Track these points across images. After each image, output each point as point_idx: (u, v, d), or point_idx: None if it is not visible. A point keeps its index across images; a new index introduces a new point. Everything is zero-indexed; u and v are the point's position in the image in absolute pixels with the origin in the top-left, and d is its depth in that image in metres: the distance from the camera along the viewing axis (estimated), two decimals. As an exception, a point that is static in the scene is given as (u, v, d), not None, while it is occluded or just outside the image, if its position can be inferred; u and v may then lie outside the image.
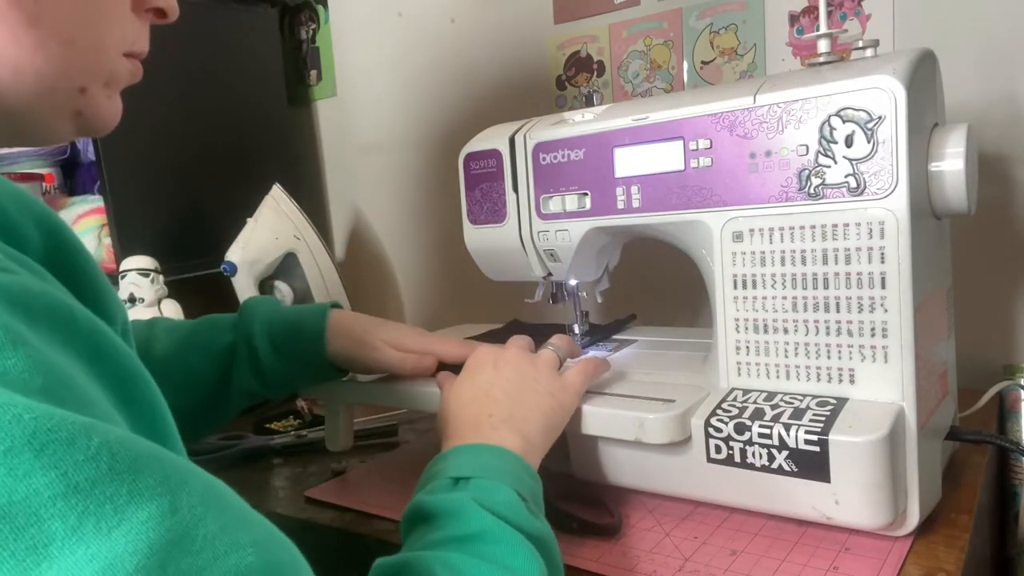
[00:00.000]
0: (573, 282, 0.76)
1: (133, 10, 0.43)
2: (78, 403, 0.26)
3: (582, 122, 0.67)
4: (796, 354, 0.57)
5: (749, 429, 0.53)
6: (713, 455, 0.55)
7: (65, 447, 0.24)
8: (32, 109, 0.39)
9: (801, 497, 0.52)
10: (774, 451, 0.52)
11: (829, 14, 0.88)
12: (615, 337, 0.82)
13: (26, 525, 0.23)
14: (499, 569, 0.40)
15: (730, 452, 0.54)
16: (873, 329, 0.53)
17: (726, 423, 0.54)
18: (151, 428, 0.31)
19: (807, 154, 0.54)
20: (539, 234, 0.71)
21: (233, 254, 1.09)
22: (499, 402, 0.55)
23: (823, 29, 0.58)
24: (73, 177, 1.33)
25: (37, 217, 0.33)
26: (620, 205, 0.64)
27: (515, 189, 0.72)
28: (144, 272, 0.97)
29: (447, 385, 0.61)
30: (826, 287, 0.54)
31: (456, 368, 0.63)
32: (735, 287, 0.59)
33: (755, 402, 0.56)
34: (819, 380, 0.56)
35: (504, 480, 0.46)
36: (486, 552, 0.41)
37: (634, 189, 0.63)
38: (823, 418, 0.52)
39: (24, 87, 0.38)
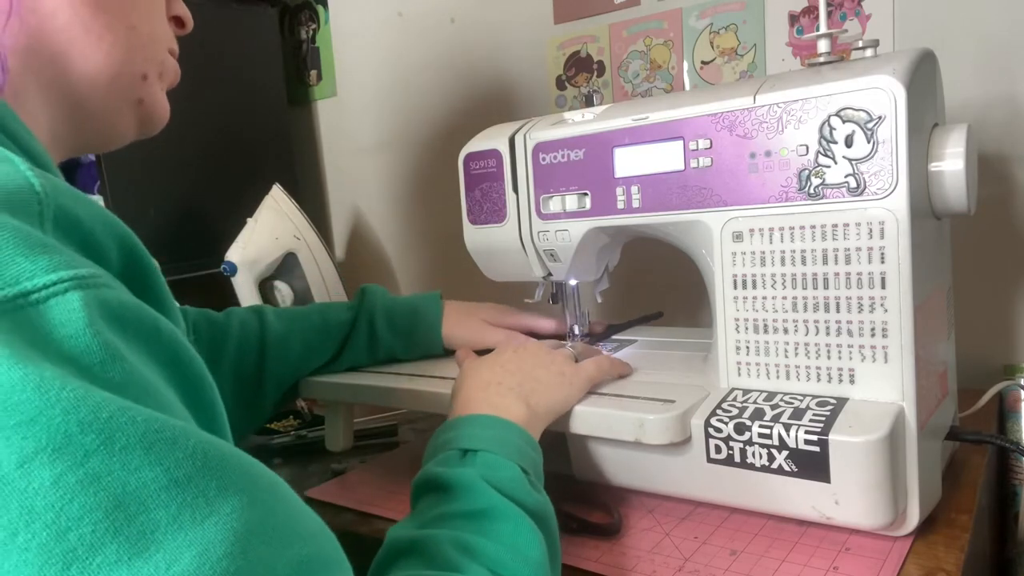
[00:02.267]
0: (573, 282, 0.76)
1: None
2: (161, 409, 0.29)
3: (582, 122, 0.67)
4: (796, 354, 0.57)
5: (749, 429, 0.53)
6: (713, 455, 0.55)
7: (169, 446, 0.27)
8: (102, 99, 0.43)
9: (801, 497, 0.52)
10: (774, 451, 0.52)
11: (829, 14, 0.88)
12: (614, 337, 0.82)
13: (137, 513, 0.26)
14: (505, 548, 0.42)
15: (730, 452, 0.54)
16: (873, 329, 0.53)
17: (726, 423, 0.54)
18: (213, 428, 0.35)
19: (807, 154, 0.54)
20: (539, 234, 0.71)
21: (233, 254, 1.09)
22: (511, 373, 0.59)
23: (823, 29, 0.58)
24: (73, 177, 1.33)
25: (119, 237, 0.36)
26: (620, 205, 0.64)
27: (515, 189, 0.72)
28: (144, 272, 0.97)
29: (468, 360, 0.64)
30: (826, 287, 0.54)
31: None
32: (735, 287, 0.59)
33: (755, 402, 0.56)
34: (819, 380, 0.56)
35: (510, 455, 0.49)
36: (493, 530, 0.43)
37: (634, 189, 0.63)
38: (823, 418, 0.52)
39: (95, 74, 0.42)
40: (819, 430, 0.51)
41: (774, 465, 0.52)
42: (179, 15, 0.49)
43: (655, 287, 1.01)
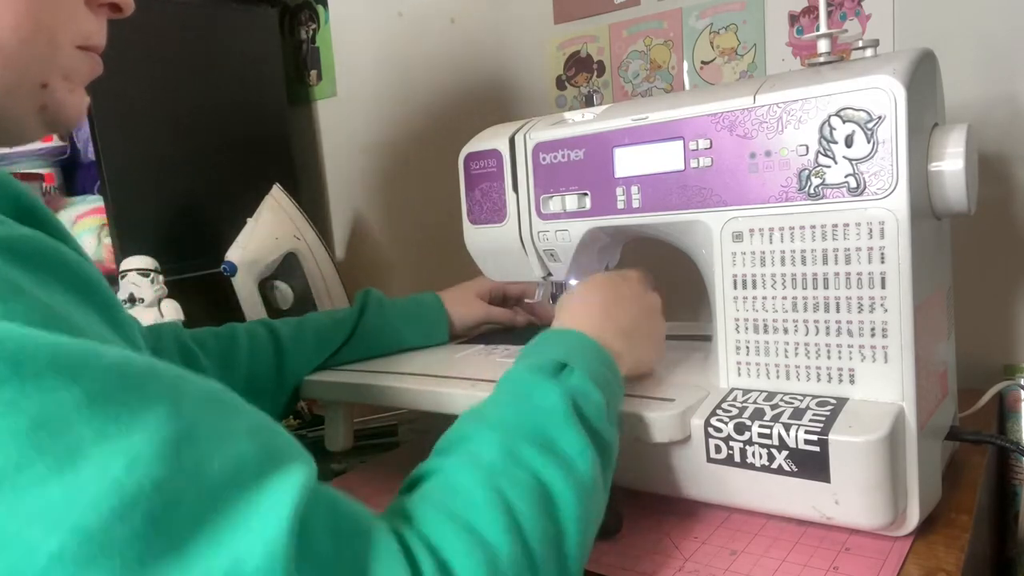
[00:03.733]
0: (573, 282, 0.76)
1: (87, 5, 0.44)
2: (76, 333, 0.31)
3: (582, 122, 0.67)
4: (796, 354, 0.57)
5: (749, 429, 0.53)
6: (713, 455, 0.55)
7: (80, 367, 0.28)
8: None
9: (801, 497, 0.52)
10: (774, 451, 0.52)
11: (829, 14, 0.88)
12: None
13: (60, 431, 0.27)
14: (560, 465, 0.43)
15: (730, 452, 0.54)
16: (873, 329, 0.53)
17: (726, 423, 0.54)
18: (135, 346, 0.37)
19: (807, 154, 0.54)
20: (539, 234, 0.71)
21: (233, 254, 1.09)
22: (617, 317, 0.59)
23: (823, 29, 0.58)
24: (73, 177, 1.33)
25: (13, 194, 0.38)
26: (620, 205, 0.64)
27: (515, 189, 0.72)
28: (144, 272, 0.97)
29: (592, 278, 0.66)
30: (826, 287, 0.54)
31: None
32: (735, 287, 0.59)
33: (755, 402, 0.56)
34: (819, 380, 0.56)
35: (600, 384, 0.50)
36: (557, 447, 0.44)
37: (634, 189, 0.63)
38: (823, 418, 0.52)
39: None
40: (819, 430, 0.51)
41: (774, 465, 0.52)
42: (112, 1, 0.46)
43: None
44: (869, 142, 0.51)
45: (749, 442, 0.53)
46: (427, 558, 0.36)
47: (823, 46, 0.59)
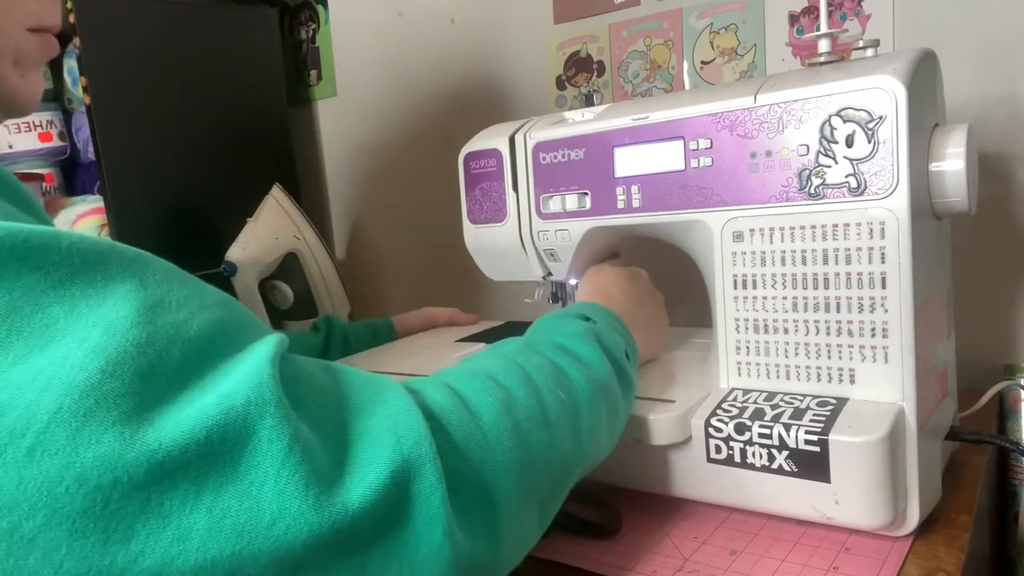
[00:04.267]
0: (573, 282, 0.76)
1: None
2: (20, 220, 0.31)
3: (582, 122, 0.67)
4: (796, 354, 0.56)
5: (749, 429, 0.53)
6: (713, 455, 0.55)
7: (41, 251, 0.29)
8: None
9: (801, 497, 0.52)
10: (774, 451, 0.52)
11: (829, 14, 0.88)
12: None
13: (32, 312, 0.28)
14: (575, 360, 0.48)
15: (730, 452, 0.54)
16: (873, 329, 0.53)
17: (726, 423, 0.54)
18: None
19: (807, 154, 0.54)
20: (539, 234, 0.71)
21: (233, 254, 1.09)
22: (635, 310, 0.64)
23: (823, 29, 0.58)
24: (73, 177, 1.33)
25: None
26: (620, 205, 0.64)
27: (515, 189, 0.72)
28: (144, 272, 0.97)
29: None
30: (826, 287, 0.54)
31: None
32: (735, 287, 0.59)
33: (755, 402, 0.56)
34: (819, 380, 0.56)
35: (622, 335, 0.55)
36: (573, 347, 0.49)
37: (634, 189, 0.63)
38: (823, 418, 0.52)
39: None
40: (819, 430, 0.51)
41: (774, 465, 0.52)
42: None
43: (655, 287, 1.01)
44: (870, 142, 0.51)
45: (749, 442, 0.53)
46: (441, 389, 0.38)
47: (823, 46, 0.59)
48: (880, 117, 0.51)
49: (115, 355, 0.28)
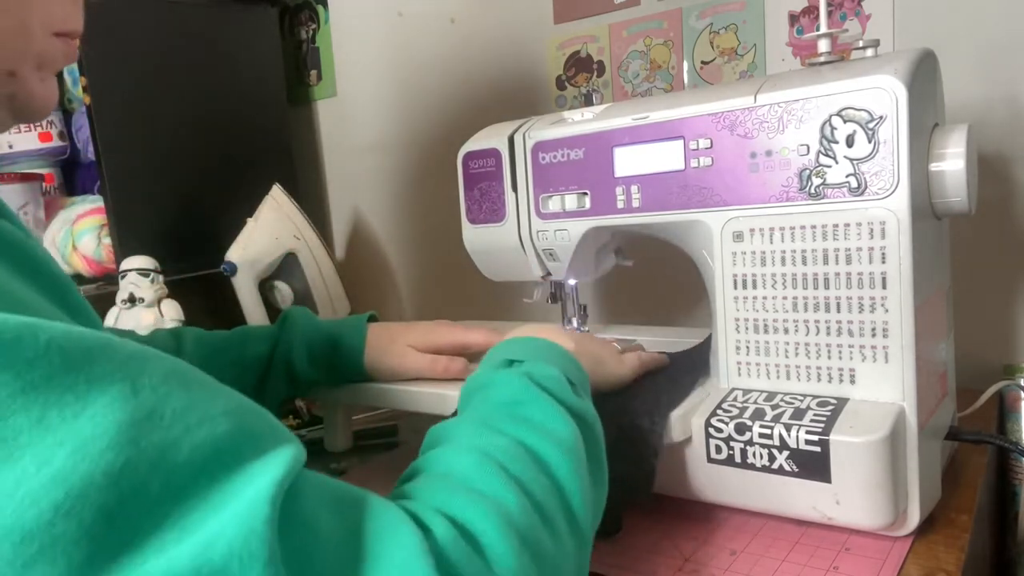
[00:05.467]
0: (572, 282, 0.76)
1: None
2: (17, 308, 0.27)
3: (582, 121, 0.67)
4: (796, 354, 0.56)
5: (750, 429, 0.53)
6: (713, 455, 0.55)
7: (12, 347, 0.25)
8: None
9: (801, 497, 0.52)
10: (775, 451, 0.52)
11: (829, 14, 0.88)
12: (614, 337, 0.81)
13: None
14: (534, 428, 0.42)
15: (730, 452, 0.54)
16: (874, 329, 0.53)
17: (727, 423, 0.54)
18: (94, 327, 0.32)
19: (808, 154, 0.54)
20: (538, 234, 0.71)
21: (233, 254, 1.09)
22: (570, 337, 0.58)
23: (823, 29, 0.58)
24: (73, 177, 1.33)
25: None
26: (620, 205, 0.64)
27: (514, 188, 0.72)
28: (144, 272, 0.97)
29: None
30: (827, 287, 0.54)
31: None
32: (735, 287, 0.59)
33: (755, 402, 0.56)
34: (819, 380, 0.56)
35: (554, 364, 0.49)
36: (525, 414, 0.44)
37: (634, 189, 0.63)
38: (824, 418, 0.52)
39: None
40: (820, 430, 0.50)
41: (775, 465, 0.52)
42: None
43: (655, 287, 1.01)
44: (870, 142, 0.51)
45: (750, 442, 0.53)
46: (440, 522, 0.33)
47: (823, 46, 0.58)
48: (880, 117, 0.51)
49: (78, 487, 0.24)
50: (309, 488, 0.30)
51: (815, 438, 0.50)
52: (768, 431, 0.52)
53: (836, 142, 0.53)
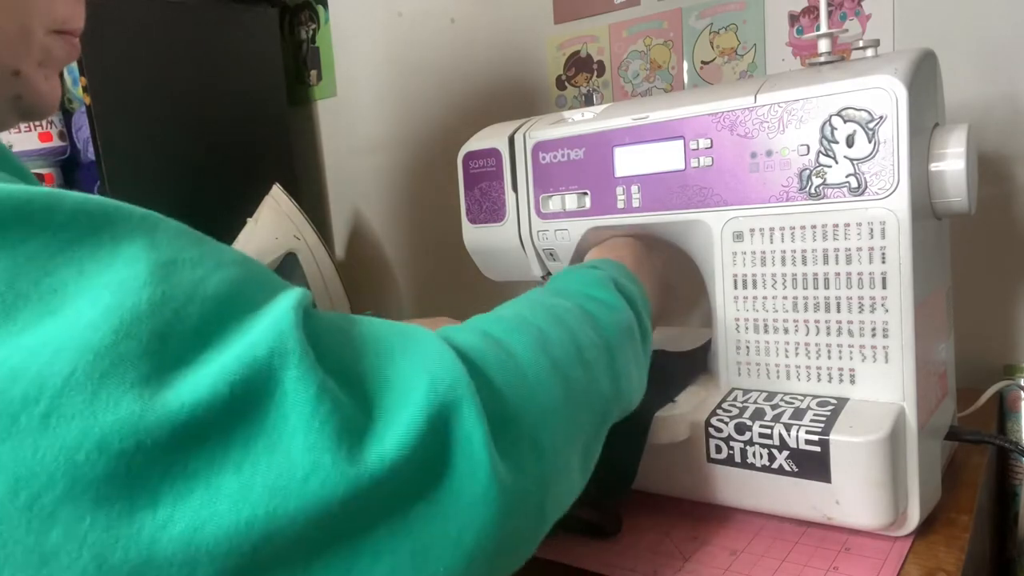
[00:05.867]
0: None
1: None
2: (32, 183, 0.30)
3: (582, 121, 0.67)
4: (796, 354, 0.56)
5: (750, 429, 0.53)
6: (713, 455, 0.55)
7: (46, 213, 0.28)
8: None
9: (801, 497, 0.52)
10: (775, 451, 0.52)
11: (829, 14, 0.88)
12: None
13: (39, 277, 0.27)
14: (598, 303, 0.47)
15: (730, 452, 0.54)
16: (874, 329, 0.53)
17: (726, 423, 0.54)
18: None
19: (808, 154, 0.54)
20: (538, 233, 0.71)
21: (233, 254, 1.09)
22: (637, 252, 0.63)
23: (823, 29, 0.58)
24: (73, 177, 1.33)
25: None
26: (620, 205, 0.64)
27: (514, 188, 0.72)
28: (144, 272, 0.97)
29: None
30: (827, 287, 0.54)
31: None
32: (735, 287, 0.59)
33: (755, 402, 0.56)
34: (819, 380, 0.56)
35: (635, 286, 0.54)
36: (595, 294, 0.49)
37: (634, 189, 0.63)
38: (824, 418, 0.52)
39: None
40: (820, 430, 0.50)
41: (775, 465, 0.52)
42: None
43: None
44: (870, 142, 0.51)
45: (750, 442, 0.53)
46: (475, 335, 0.36)
47: (823, 46, 0.58)
48: (881, 117, 0.51)
49: (130, 315, 0.27)
50: (326, 313, 0.33)
51: (815, 438, 0.50)
52: (768, 431, 0.52)
53: (836, 142, 0.53)
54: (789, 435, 0.51)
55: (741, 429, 0.54)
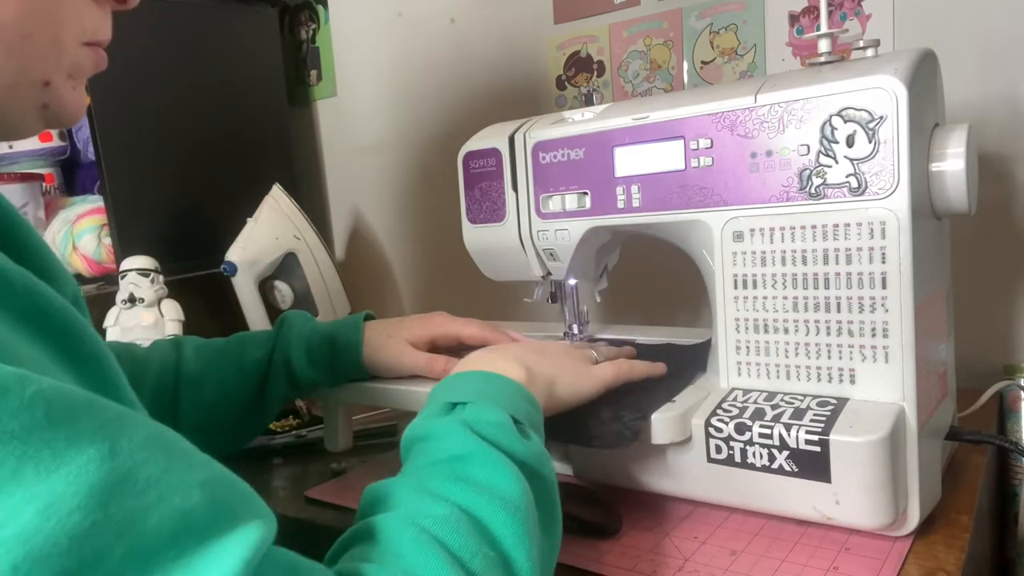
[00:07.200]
0: (572, 282, 0.76)
1: None
2: (9, 359, 0.27)
3: (582, 121, 0.67)
4: (796, 354, 0.56)
5: (750, 429, 0.53)
6: (713, 455, 0.55)
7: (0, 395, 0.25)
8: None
9: (801, 497, 0.52)
10: (775, 451, 0.52)
11: (829, 14, 0.88)
12: (610, 338, 0.81)
13: None
14: (477, 489, 0.40)
15: (730, 452, 0.54)
16: (874, 329, 0.53)
17: (726, 423, 0.54)
18: (100, 383, 0.32)
19: (808, 154, 0.54)
20: (538, 233, 0.71)
21: (233, 254, 1.09)
22: (519, 348, 0.57)
23: (823, 29, 0.58)
24: (73, 177, 1.33)
25: None
26: (620, 205, 0.64)
27: (514, 188, 0.72)
28: (144, 272, 0.97)
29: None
30: (827, 287, 0.54)
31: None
32: (735, 287, 0.59)
33: (755, 402, 0.56)
34: (819, 380, 0.56)
35: (498, 404, 0.47)
36: (468, 472, 0.42)
37: (634, 188, 0.63)
38: (824, 418, 0.52)
39: None
40: (820, 430, 0.50)
41: (775, 465, 0.52)
42: None
43: (655, 287, 1.01)
44: (870, 142, 0.51)
45: (750, 442, 0.53)
46: None
47: (823, 46, 0.58)
48: (881, 117, 0.51)
49: (39, 548, 0.23)
50: (272, 568, 0.30)
51: (815, 438, 0.50)
52: (768, 431, 0.52)
53: (836, 142, 0.53)
54: (789, 435, 0.51)
55: (741, 429, 0.54)
